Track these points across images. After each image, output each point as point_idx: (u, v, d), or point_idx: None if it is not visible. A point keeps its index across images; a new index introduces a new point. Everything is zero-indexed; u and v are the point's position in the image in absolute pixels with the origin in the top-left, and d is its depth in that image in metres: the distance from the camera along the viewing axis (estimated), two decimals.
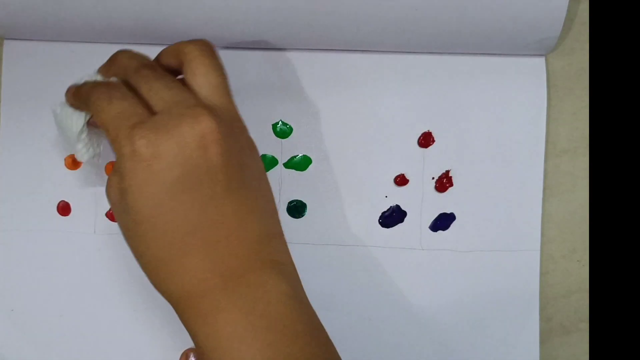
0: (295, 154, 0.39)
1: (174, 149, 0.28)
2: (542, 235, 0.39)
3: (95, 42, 0.38)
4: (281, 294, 0.29)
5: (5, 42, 0.38)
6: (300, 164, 0.39)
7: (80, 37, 0.38)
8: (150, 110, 0.29)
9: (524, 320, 0.38)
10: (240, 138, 0.30)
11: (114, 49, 0.38)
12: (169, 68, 0.32)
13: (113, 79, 0.32)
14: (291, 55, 0.39)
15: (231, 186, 0.29)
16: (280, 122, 0.39)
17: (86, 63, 0.38)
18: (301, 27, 0.36)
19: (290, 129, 0.39)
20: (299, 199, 0.38)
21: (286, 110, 0.39)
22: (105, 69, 0.33)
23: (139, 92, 0.30)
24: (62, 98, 0.33)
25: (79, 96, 0.32)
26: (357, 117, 0.39)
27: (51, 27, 0.36)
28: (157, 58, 0.33)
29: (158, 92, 0.29)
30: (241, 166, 0.29)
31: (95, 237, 0.38)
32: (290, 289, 0.30)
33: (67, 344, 0.38)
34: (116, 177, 0.29)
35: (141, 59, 0.31)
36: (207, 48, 0.31)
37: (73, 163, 0.38)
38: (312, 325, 0.31)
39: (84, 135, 0.32)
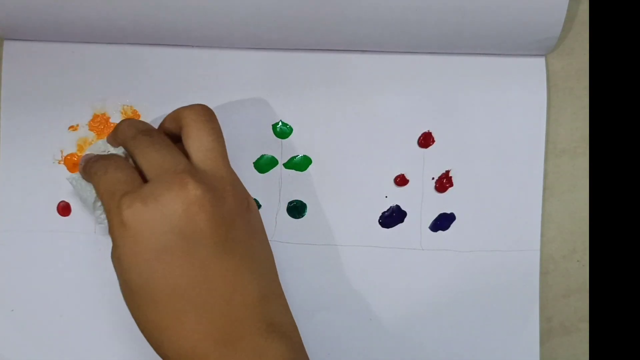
0: (295, 154, 0.39)
1: (160, 217, 0.28)
2: (542, 235, 0.39)
3: (95, 43, 0.38)
4: (278, 359, 0.30)
5: (5, 42, 0.38)
6: (300, 164, 0.39)
7: (80, 37, 0.38)
8: (144, 179, 0.30)
9: (524, 321, 0.38)
10: (231, 201, 0.30)
11: (114, 49, 0.38)
12: (171, 134, 0.33)
13: (119, 149, 0.33)
14: (291, 55, 0.39)
15: (220, 250, 0.29)
16: (280, 123, 0.39)
17: (86, 63, 0.38)
18: (301, 27, 0.36)
19: (290, 129, 0.39)
20: (299, 199, 0.38)
21: (286, 110, 0.39)
22: (111, 138, 0.34)
23: (134, 160, 0.31)
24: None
25: (86, 169, 0.33)
26: (357, 118, 0.39)
27: (51, 28, 0.36)
28: (161, 124, 0.34)
29: (149, 158, 0.30)
30: (232, 229, 0.30)
31: (95, 237, 0.38)
32: (289, 352, 0.30)
33: (67, 344, 0.38)
34: (112, 246, 0.30)
35: (140, 126, 0.32)
36: (204, 112, 0.32)
37: (74, 166, 0.38)
38: None
39: (99, 204, 0.33)
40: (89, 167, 0.32)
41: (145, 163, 0.30)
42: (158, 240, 0.28)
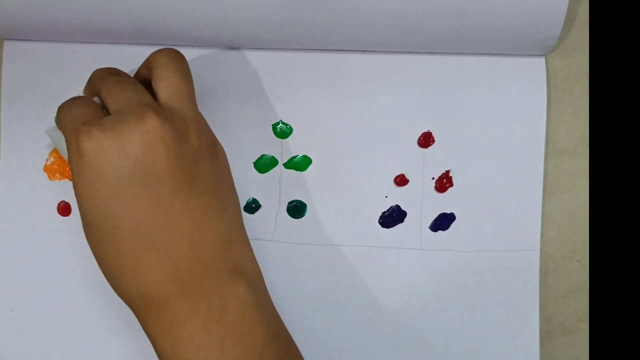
0: (296, 154, 0.39)
1: (117, 147, 0.28)
2: (542, 235, 0.39)
3: (95, 43, 0.38)
4: (241, 302, 0.29)
5: (5, 42, 0.38)
6: (300, 164, 0.39)
7: (80, 37, 0.38)
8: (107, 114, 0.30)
9: (524, 320, 0.38)
10: (195, 140, 0.30)
11: (114, 49, 0.38)
12: (146, 80, 0.33)
13: (95, 99, 0.33)
14: (291, 55, 0.39)
15: (182, 188, 0.29)
16: (280, 123, 0.39)
17: (86, 63, 0.38)
18: (301, 27, 0.36)
19: (290, 129, 0.39)
20: (299, 199, 0.38)
21: (286, 110, 0.39)
22: (86, 89, 0.34)
23: (102, 101, 0.30)
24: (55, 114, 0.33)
25: (57, 115, 0.32)
26: (357, 117, 0.39)
27: (51, 28, 0.36)
28: (136, 72, 0.33)
29: (114, 94, 0.30)
30: (194, 167, 0.29)
31: None
32: (251, 295, 0.30)
33: (67, 344, 0.38)
34: (72, 177, 0.29)
35: (109, 70, 0.32)
36: (172, 55, 0.32)
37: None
38: (275, 333, 0.30)
39: None
40: (58, 112, 0.31)
41: (109, 98, 0.30)
42: (115, 171, 0.28)
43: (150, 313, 0.29)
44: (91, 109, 0.30)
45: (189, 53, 0.38)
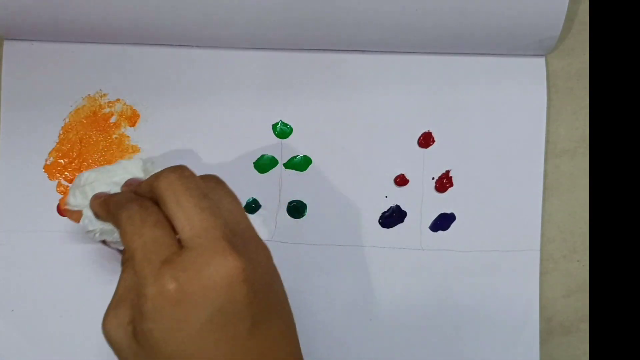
0: (296, 155, 0.39)
1: (202, 290, 0.26)
2: (542, 235, 0.39)
3: (95, 43, 0.38)
4: None
5: (6, 42, 0.38)
6: (300, 164, 0.39)
7: (80, 37, 0.38)
8: (177, 235, 0.28)
9: (524, 320, 0.38)
10: (264, 265, 0.29)
11: (114, 49, 0.38)
12: None
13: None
14: (291, 55, 0.39)
15: (257, 321, 0.28)
16: (280, 123, 0.39)
17: (86, 63, 0.38)
18: (301, 27, 0.36)
19: (291, 130, 0.39)
20: (299, 199, 0.38)
21: (286, 110, 0.39)
22: (143, 185, 0.31)
23: (166, 210, 0.28)
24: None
25: (106, 208, 0.31)
26: (357, 118, 0.39)
27: (51, 28, 0.36)
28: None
29: (189, 216, 0.27)
30: (267, 296, 0.28)
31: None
32: None
33: (67, 344, 0.38)
34: (127, 314, 0.27)
35: (178, 173, 0.29)
36: (218, 179, 0.30)
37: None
38: None
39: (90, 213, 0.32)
40: (114, 208, 0.29)
41: (185, 223, 0.27)
42: (199, 313, 0.26)
43: None
44: (167, 233, 0.28)
45: (187, 53, 0.38)
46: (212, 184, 0.30)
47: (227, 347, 0.27)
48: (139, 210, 0.28)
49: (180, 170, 0.29)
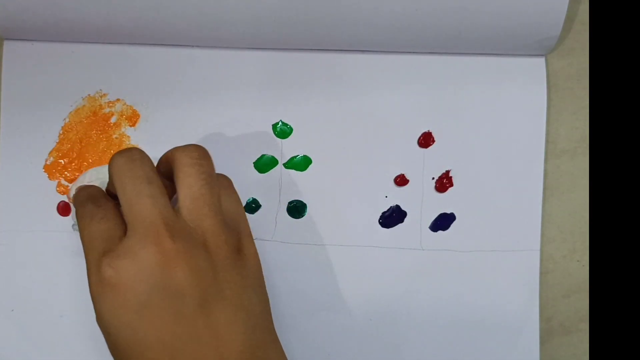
0: (296, 154, 0.39)
1: (137, 274, 0.28)
2: (542, 235, 0.39)
3: (95, 43, 0.38)
4: None
5: (5, 42, 0.38)
6: (300, 164, 0.39)
7: (80, 37, 0.38)
8: (124, 224, 0.30)
9: (524, 320, 0.38)
10: (214, 251, 0.30)
11: (114, 49, 0.38)
12: (167, 175, 0.32)
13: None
14: (291, 55, 0.39)
15: (202, 302, 0.29)
16: (280, 123, 0.39)
17: (86, 63, 0.38)
18: (301, 27, 0.36)
19: (291, 129, 0.39)
20: (299, 199, 0.38)
21: (286, 110, 0.39)
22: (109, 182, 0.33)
23: (118, 199, 0.30)
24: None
25: (75, 206, 0.33)
26: (357, 117, 0.39)
27: (52, 28, 0.36)
28: (157, 165, 0.32)
29: (129, 198, 0.29)
30: (214, 280, 0.29)
31: None
32: None
33: (68, 344, 0.38)
34: (93, 303, 0.30)
35: (127, 157, 0.30)
36: (195, 155, 0.30)
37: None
38: None
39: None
40: (77, 205, 0.32)
41: (126, 209, 0.30)
42: (137, 298, 0.28)
43: None
44: (112, 225, 0.30)
45: (188, 53, 0.38)
46: (192, 160, 0.30)
47: (174, 326, 0.28)
48: (90, 206, 0.31)
49: (129, 154, 0.30)
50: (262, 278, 0.33)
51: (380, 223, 0.39)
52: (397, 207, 0.39)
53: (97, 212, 0.31)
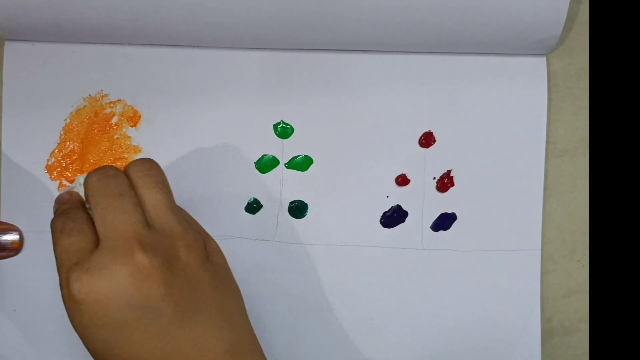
0: (297, 154, 0.39)
1: (107, 289, 0.27)
2: (542, 235, 0.39)
3: (95, 43, 0.38)
4: None
5: (7, 43, 0.38)
6: (301, 164, 0.39)
7: (81, 38, 0.37)
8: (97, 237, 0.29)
9: (526, 320, 0.39)
10: (185, 257, 0.29)
11: (115, 49, 0.38)
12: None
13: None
14: (292, 55, 0.39)
15: (180, 314, 0.28)
16: (281, 123, 0.39)
17: (86, 64, 0.38)
18: (302, 27, 0.36)
19: (292, 129, 0.39)
20: (300, 199, 0.39)
21: (287, 110, 0.39)
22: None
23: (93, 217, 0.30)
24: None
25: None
26: (358, 117, 0.39)
27: (52, 28, 0.36)
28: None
29: (102, 214, 0.29)
30: (188, 288, 0.29)
31: None
32: None
33: (69, 344, 0.38)
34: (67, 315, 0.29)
35: (100, 174, 0.31)
36: (143, 167, 0.31)
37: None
38: None
39: None
40: (51, 222, 0.31)
41: (98, 223, 0.29)
42: (108, 313, 0.28)
43: None
44: (83, 237, 0.29)
45: (188, 53, 0.38)
46: (141, 173, 0.30)
47: (149, 340, 0.28)
48: (62, 219, 0.30)
49: (102, 171, 0.31)
50: (231, 275, 0.32)
51: (381, 223, 0.39)
52: (398, 207, 0.39)
53: (68, 225, 0.30)
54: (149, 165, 0.31)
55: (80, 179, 0.34)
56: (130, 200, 0.29)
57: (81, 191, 0.34)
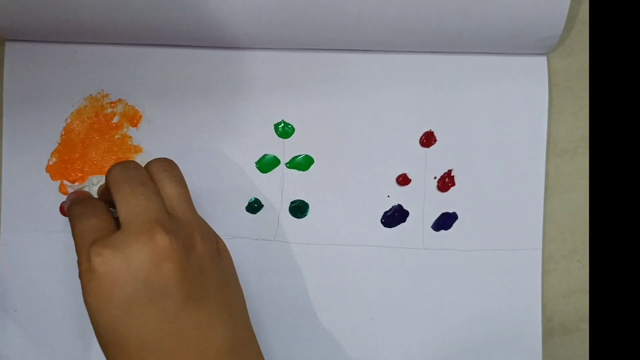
0: (298, 154, 0.39)
1: (127, 267, 0.28)
2: (543, 235, 0.39)
3: (97, 44, 0.38)
4: None
5: (7, 43, 0.38)
6: (302, 164, 0.39)
7: (82, 38, 0.37)
8: (119, 224, 0.30)
9: (527, 319, 0.39)
10: (200, 247, 0.30)
11: (115, 49, 0.38)
12: None
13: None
14: (293, 55, 0.39)
15: (190, 301, 0.29)
16: (282, 122, 0.39)
17: (87, 64, 0.38)
18: (303, 27, 0.36)
19: (293, 129, 0.39)
20: (301, 199, 0.39)
21: (288, 110, 0.39)
22: (103, 189, 0.34)
23: (113, 198, 0.31)
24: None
25: (67, 212, 0.33)
26: (358, 117, 0.39)
27: (53, 28, 0.36)
28: None
29: (126, 203, 0.30)
30: (200, 276, 0.30)
31: None
32: None
33: (70, 344, 0.38)
34: (82, 291, 0.30)
35: (123, 166, 0.32)
36: (167, 165, 0.32)
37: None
38: None
39: None
40: (67, 209, 0.32)
41: (121, 205, 0.30)
42: (124, 290, 0.28)
43: None
44: (103, 220, 0.30)
45: (189, 53, 0.38)
46: (161, 168, 0.32)
47: (156, 322, 0.29)
48: (79, 206, 0.32)
49: (125, 164, 0.32)
50: (236, 275, 0.33)
51: (382, 222, 0.39)
52: (399, 206, 0.39)
53: (87, 209, 0.31)
54: (169, 162, 0.33)
55: (94, 179, 0.34)
56: (151, 189, 0.31)
57: (93, 191, 0.34)
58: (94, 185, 0.34)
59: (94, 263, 0.28)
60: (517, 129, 0.39)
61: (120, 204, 0.30)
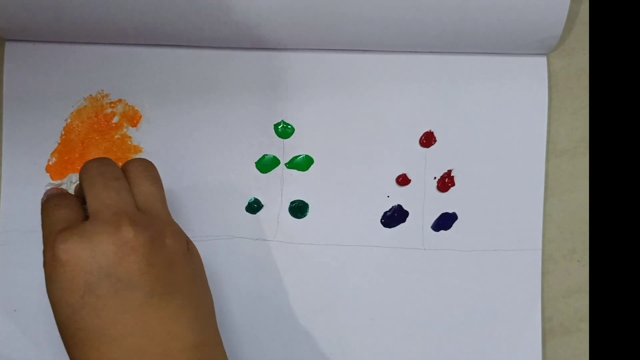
0: (297, 154, 0.39)
1: (90, 255, 0.28)
2: (543, 235, 0.39)
3: (97, 44, 0.38)
4: None
5: (7, 43, 0.38)
6: (302, 164, 0.39)
7: (82, 38, 0.37)
8: (86, 215, 0.30)
9: (526, 320, 0.39)
10: (170, 242, 0.30)
11: (115, 49, 0.38)
12: None
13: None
14: (293, 55, 0.39)
15: (154, 294, 0.29)
16: (282, 123, 0.39)
17: (87, 64, 0.38)
18: (302, 27, 0.36)
19: (292, 129, 0.39)
20: (301, 199, 0.39)
21: (288, 110, 0.39)
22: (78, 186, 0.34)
23: (83, 193, 0.31)
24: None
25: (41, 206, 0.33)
26: (358, 117, 0.39)
27: (53, 28, 0.36)
28: None
29: (95, 191, 0.30)
30: (168, 272, 0.29)
31: None
32: None
33: None
34: (45, 280, 0.29)
35: (98, 162, 0.32)
36: (142, 163, 0.32)
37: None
38: None
39: None
40: (42, 204, 0.32)
41: (90, 197, 0.30)
42: (86, 279, 0.28)
43: None
44: (73, 211, 0.30)
45: (189, 53, 0.38)
46: (140, 167, 0.32)
47: (120, 314, 0.28)
48: (51, 198, 0.31)
49: (101, 160, 0.32)
50: (205, 276, 0.33)
51: (382, 223, 0.39)
52: (399, 206, 0.39)
53: (59, 202, 0.31)
54: (147, 163, 0.33)
55: (73, 177, 0.34)
56: (123, 185, 0.31)
57: (71, 189, 0.34)
58: (72, 183, 0.34)
59: (58, 250, 0.28)
60: (517, 129, 0.39)
61: (90, 195, 0.30)
